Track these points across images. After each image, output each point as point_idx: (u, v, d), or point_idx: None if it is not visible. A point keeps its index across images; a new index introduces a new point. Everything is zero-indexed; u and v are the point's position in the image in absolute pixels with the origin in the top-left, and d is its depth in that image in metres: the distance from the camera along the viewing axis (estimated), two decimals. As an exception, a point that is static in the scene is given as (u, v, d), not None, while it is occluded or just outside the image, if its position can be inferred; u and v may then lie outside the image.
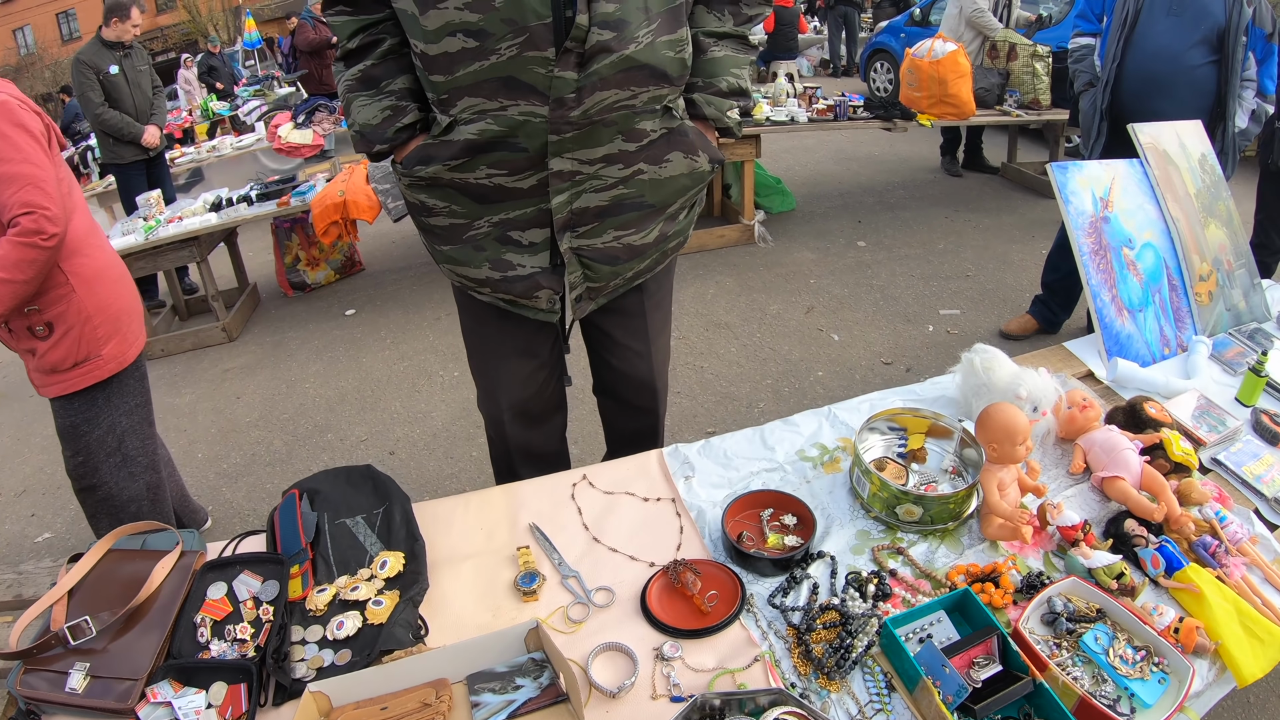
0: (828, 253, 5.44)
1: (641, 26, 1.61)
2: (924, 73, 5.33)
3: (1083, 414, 1.72)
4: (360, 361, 4.92)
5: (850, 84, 11.54)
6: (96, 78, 5.69)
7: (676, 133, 1.80)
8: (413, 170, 1.76)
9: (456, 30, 1.55)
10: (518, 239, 1.82)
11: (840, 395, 3.68)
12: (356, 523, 1.69)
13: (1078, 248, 2.13)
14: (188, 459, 4.28)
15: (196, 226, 5.23)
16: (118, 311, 2.31)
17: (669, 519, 1.69)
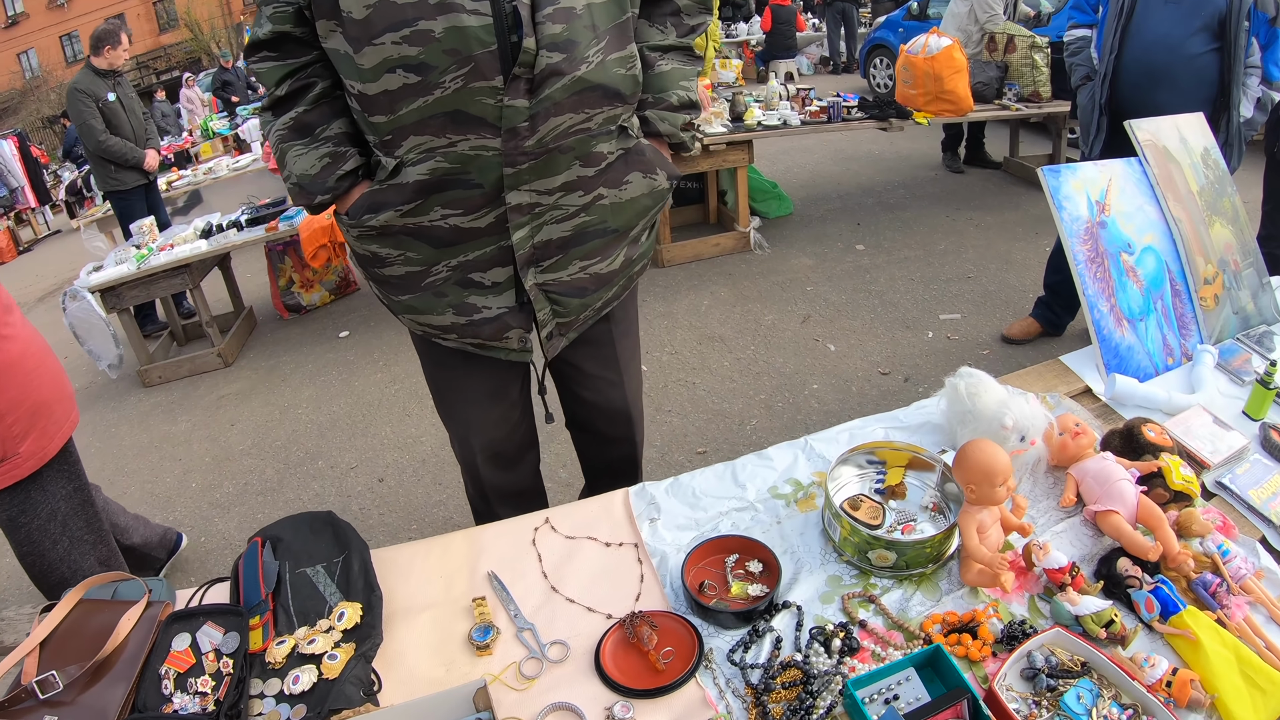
0: (825, 258, 5.33)
1: (591, 46, 1.54)
2: (919, 69, 5.19)
3: (1075, 441, 1.58)
4: (353, 385, 4.89)
5: (851, 81, 11.41)
6: (96, 105, 5.73)
7: (633, 152, 1.74)
8: (361, 220, 1.67)
9: (396, 66, 1.47)
10: (480, 280, 1.74)
11: (835, 409, 3.59)
12: (317, 571, 1.63)
13: (1072, 256, 2.01)
14: (181, 488, 4.27)
15: (187, 254, 5.25)
16: (34, 406, 2.15)
17: (630, 566, 1.59)
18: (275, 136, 1.67)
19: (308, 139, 1.65)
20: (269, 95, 1.66)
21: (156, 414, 5.24)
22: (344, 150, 1.66)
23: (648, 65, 1.75)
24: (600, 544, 1.65)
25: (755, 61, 12.11)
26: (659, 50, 1.76)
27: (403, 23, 1.43)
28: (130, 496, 4.33)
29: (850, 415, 2.44)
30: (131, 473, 4.61)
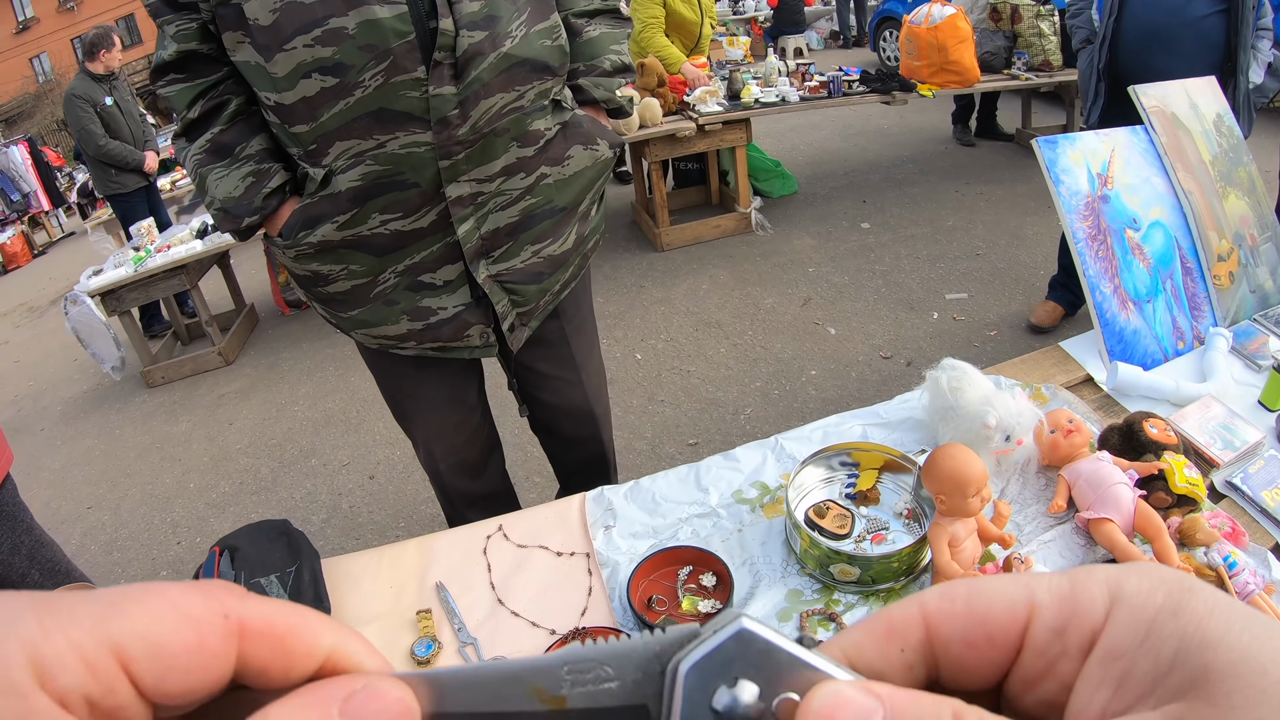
0: (829, 237, 5.18)
1: (513, 20, 1.47)
2: (923, 40, 5.02)
3: (1067, 440, 1.43)
4: (348, 380, 4.87)
5: (862, 55, 11.20)
6: (94, 110, 5.75)
7: (571, 125, 1.67)
8: (297, 239, 1.59)
9: (311, 70, 1.39)
10: (431, 281, 1.67)
11: (833, 395, 3.48)
12: (270, 582, 1.59)
13: (1071, 234, 1.86)
14: (180, 489, 4.28)
15: (183, 255, 5.25)
16: None
17: (579, 578, 1.50)
18: (192, 162, 1.59)
19: (227, 160, 1.57)
20: (181, 119, 1.57)
21: (159, 414, 5.27)
22: (267, 167, 1.57)
23: (575, 33, 1.68)
24: (551, 553, 1.57)
25: (764, 38, 11.92)
26: (585, 16, 1.70)
27: (313, 23, 1.35)
28: (131, 499, 4.35)
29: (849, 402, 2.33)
30: (133, 474, 4.62)
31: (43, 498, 4.70)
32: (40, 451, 5.39)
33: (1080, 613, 0.26)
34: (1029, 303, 3.88)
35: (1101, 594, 0.26)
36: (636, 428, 3.65)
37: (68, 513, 4.45)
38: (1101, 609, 0.26)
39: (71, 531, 4.23)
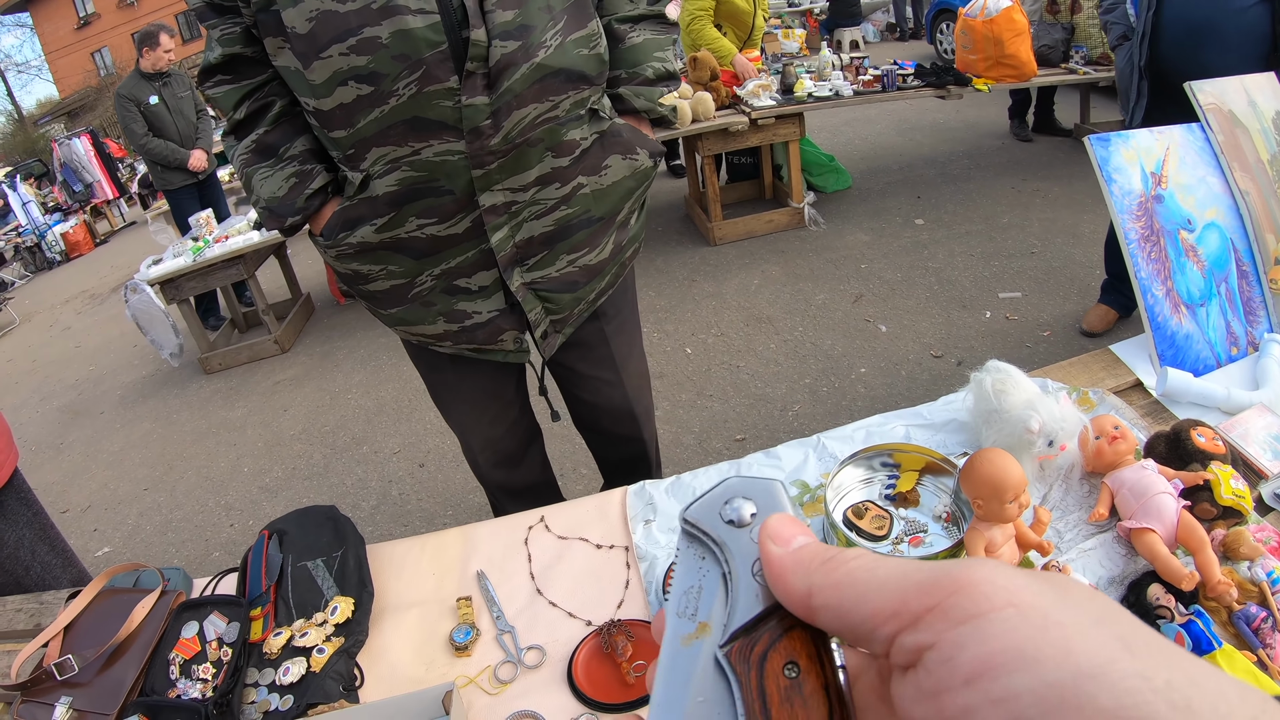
0: (882, 233, 5.12)
1: (547, 29, 1.45)
2: (978, 33, 4.91)
3: (1112, 446, 1.40)
4: (401, 370, 4.95)
5: (918, 48, 11.04)
6: (137, 109, 5.89)
7: (609, 135, 1.64)
8: (337, 240, 1.62)
9: (347, 78, 1.40)
10: (466, 286, 1.69)
11: (882, 394, 3.45)
12: (317, 565, 1.64)
13: (1123, 235, 1.82)
14: (234, 473, 4.41)
15: (240, 246, 5.36)
16: None
17: (617, 570, 1.52)
18: (239, 161, 1.63)
19: (272, 160, 1.60)
20: (229, 119, 1.61)
21: (215, 400, 5.40)
22: (310, 168, 1.60)
23: (618, 39, 1.65)
24: (591, 545, 1.59)
25: (819, 30, 11.81)
26: (629, 21, 1.66)
27: (347, 32, 1.37)
28: (186, 481, 4.47)
29: (898, 401, 2.31)
30: (189, 458, 4.75)
31: (101, 479, 4.86)
32: (99, 434, 5.55)
33: None
34: (1084, 303, 3.80)
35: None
36: (684, 422, 3.66)
37: (125, 493, 4.59)
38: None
39: (128, 512, 4.36)
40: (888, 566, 0.32)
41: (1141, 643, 0.26)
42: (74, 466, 5.22)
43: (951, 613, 0.28)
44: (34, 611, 1.91)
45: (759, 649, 0.35)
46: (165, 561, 2.98)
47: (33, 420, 6.41)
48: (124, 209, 17.04)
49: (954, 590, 0.29)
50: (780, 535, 0.36)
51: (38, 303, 11.91)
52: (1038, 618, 0.27)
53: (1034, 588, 0.28)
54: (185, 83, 6.21)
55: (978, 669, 0.27)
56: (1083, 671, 0.25)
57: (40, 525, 2.42)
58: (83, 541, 4.24)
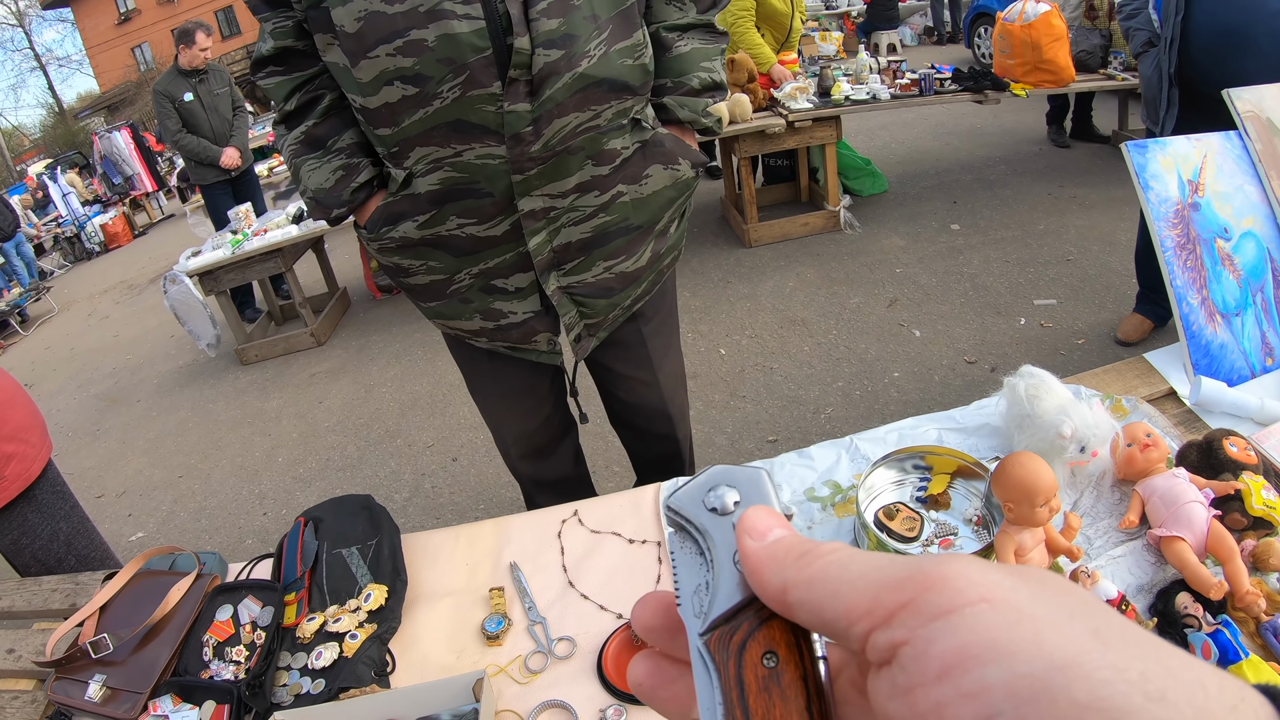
0: (918, 238, 5.09)
1: (591, 39, 1.45)
2: (1016, 38, 4.87)
3: (1144, 454, 1.40)
4: (435, 365, 4.99)
5: (956, 52, 10.94)
6: (172, 105, 5.99)
7: (651, 144, 1.64)
8: (380, 234, 1.64)
9: (393, 79, 1.42)
10: (503, 286, 1.71)
11: (915, 399, 3.44)
12: (351, 553, 1.67)
13: (1159, 242, 1.81)
14: (269, 462, 4.47)
15: (279, 239, 5.43)
16: (9, 433, 2.27)
17: (649, 565, 1.54)
18: (288, 151, 1.65)
19: (320, 152, 1.62)
20: (279, 110, 1.63)
21: (251, 391, 5.47)
22: (357, 162, 1.62)
23: (665, 47, 1.64)
24: (624, 540, 1.61)
25: (856, 33, 11.75)
26: (677, 30, 1.65)
27: (394, 34, 1.38)
28: (221, 470, 4.53)
29: (931, 406, 2.32)
30: (224, 447, 4.81)
31: (136, 465, 4.95)
32: (136, 421, 5.65)
33: None
34: (1119, 312, 3.77)
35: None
36: (717, 422, 3.66)
37: (160, 480, 4.66)
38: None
39: (163, 498, 4.44)
40: (861, 562, 0.32)
41: (1116, 635, 0.26)
42: (110, 453, 5.31)
43: (924, 609, 0.28)
44: (70, 592, 1.96)
45: (738, 638, 0.35)
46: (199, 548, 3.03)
47: (70, 407, 6.52)
48: (162, 202, 17.27)
49: (926, 586, 0.28)
50: (756, 528, 0.36)
51: (76, 292, 12.08)
52: (1010, 612, 0.27)
53: (1007, 583, 0.28)
54: (223, 79, 6.29)
55: (949, 663, 0.26)
56: (1055, 664, 0.25)
57: (76, 518, 2.46)
58: (117, 526, 4.32)
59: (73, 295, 11.90)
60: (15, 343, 10.13)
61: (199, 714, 1.42)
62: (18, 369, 8.35)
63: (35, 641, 1.83)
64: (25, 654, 1.80)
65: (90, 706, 1.52)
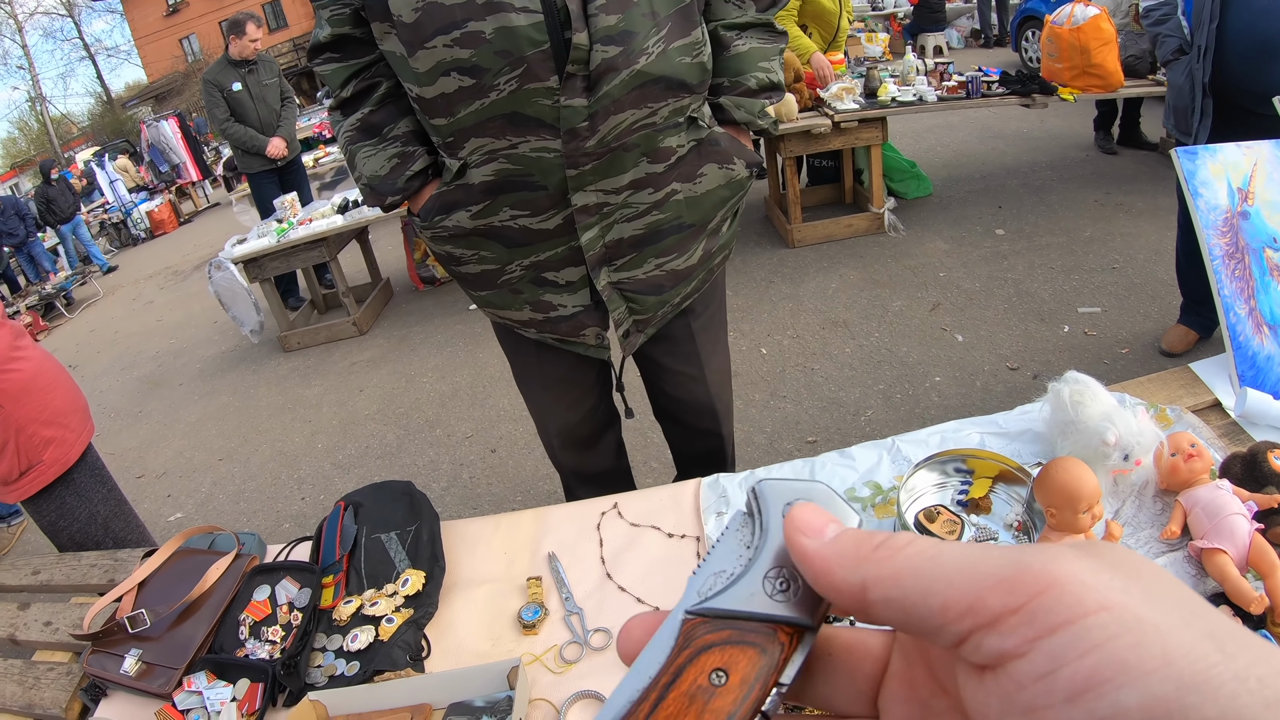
0: (962, 242, 5.05)
1: (650, 36, 1.44)
2: (1064, 41, 4.79)
3: (1187, 464, 1.38)
4: (476, 357, 5.04)
5: (1002, 55, 10.81)
6: (220, 95, 6.10)
7: (706, 143, 1.63)
8: (433, 222, 1.65)
9: (450, 69, 1.42)
10: (554, 279, 1.70)
11: (956, 404, 3.42)
12: (390, 538, 1.70)
13: (1207, 251, 1.79)
14: (309, 448, 4.54)
15: (324, 229, 5.51)
16: (50, 418, 2.33)
17: (687, 560, 1.54)
18: (344, 137, 1.66)
19: (376, 139, 1.63)
20: (335, 96, 1.65)
21: (293, 377, 5.55)
22: (412, 150, 1.63)
23: (723, 46, 1.63)
24: (663, 534, 1.61)
25: (902, 35, 11.65)
26: (735, 29, 1.63)
27: (452, 24, 1.38)
28: (261, 454, 4.61)
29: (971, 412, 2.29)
30: (264, 431, 4.90)
31: (177, 447, 5.06)
32: (178, 404, 5.77)
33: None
34: (1164, 321, 3.71)
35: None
36: (757, 421, 3.67)
37: (200, 462, 4.76)
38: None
39: (202, 480, 4.53)
40: (952, 555, 0.30)
41: (1229, 637, 0.25)
42: (151, 434, 5.43)
43: (1040, 617, 0.27)
44: (108, 568, 2.00)
45: (709, 638, 0.33)
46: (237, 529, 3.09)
47: (113, 388, 6.66)
48: (208, 190, 17.55)
49: (1039, 590, 0.27)
50: (811, 524, 0.34)
51: (122, 277, 12.31)
52: (1132, 621, 0.25)
53: (1119, 583, 0.27)
54: (272, 70, 6.37)
55: (1080, 686, 0.25)
56: (1185, 683, 0.24)
57: (113, 501, 2.50)
58: (156, 506, 4.42)
59: (118, 280, 12.13)
60: (60, 325, 10.36)
61: (233, 691, 1.44)
62: (62, 350, 8.54)
63: (73, 615, 1.87)
64: (62, 627, 1.85)
65: (125, 680, 1.55)
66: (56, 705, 1.64)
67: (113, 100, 38.27)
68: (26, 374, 2.30)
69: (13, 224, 12.23)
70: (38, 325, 10.02)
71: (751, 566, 0.35)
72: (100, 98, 39.06)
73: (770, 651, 0.33)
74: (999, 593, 0.28)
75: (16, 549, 4.37)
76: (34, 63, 37.24)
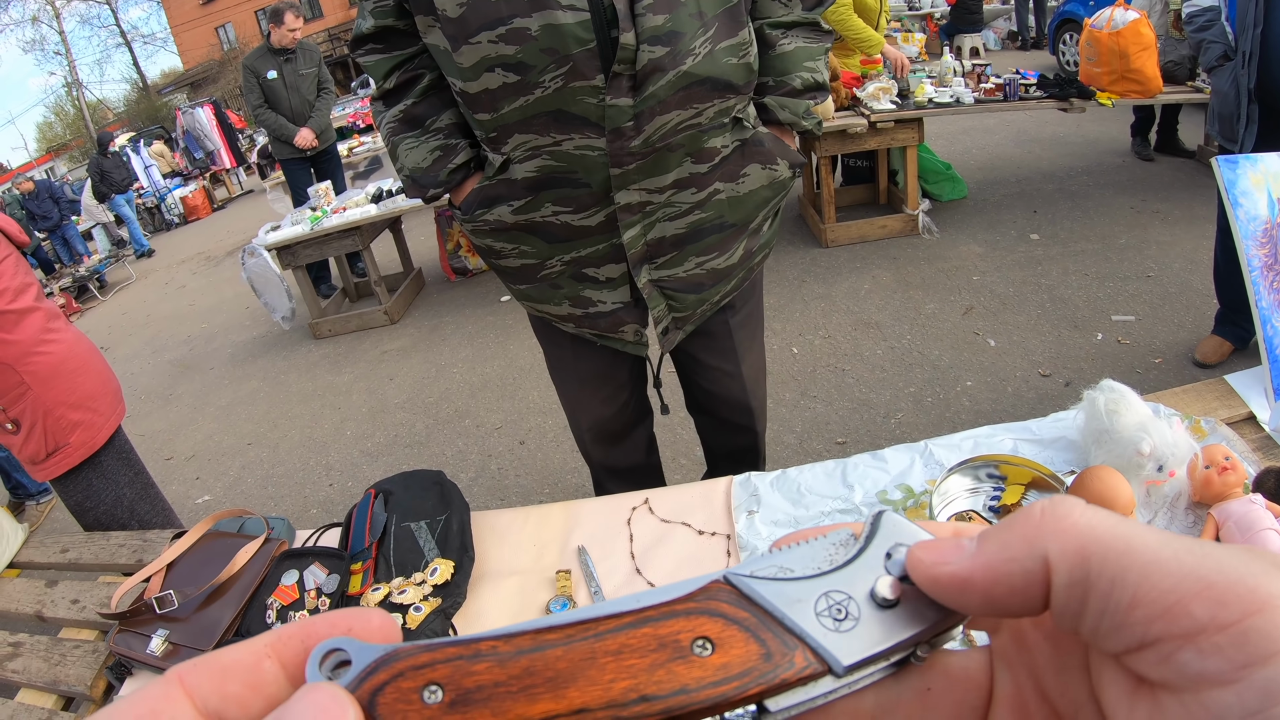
0: (996, 246, 5.01)
1: (697, 36, 1.43)
2: (1103, 45, 4.73)
3: (1221, 477, 1.37)
4: (507, 348, 5.05)
5: (1039, 58, 10.71)
6: (257, 81, 6.18)
7: (750, 143, 1.63)
8: (475, 216, 1.66)
9: (494, 65, 1.42)
10: (594, 276, 1.71)
11: (987, 409, 3.39)
12: (420, 527, 1.70)
13: (1246, 261, 1.77)
14: (337, 435, 4.57)
15: (357, 217, 5.55)
16: (78, 401, 2.38)
17: (717, 557, 1.54)
18: (386, 129, 1.67)
19: (418, 131, 1.64)
20: (378, 87, 1.65)
21: (323, 365, 5.60)
22: (455, 143, 1.64)
23: (768, 45, 1.62)
24: (693, 531, 1.61)
25: (939, 35, 11.56)
26: (781, 28, 1.62)
27: (498, 20, 1.38)
28: (290, 439, 4.65)
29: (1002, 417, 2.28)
30: (294, 417, 4.94)
31: (206, 430, 5.13)
32: (208, 388, 5.84)
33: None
34: (1199, 331, 3.67)
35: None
36: (787, 421, 3.66)
37: (229, 446, 4.81)
38: None
39: (230, 464, 4.58)
40: (1148, 542, 0.25)
41: None
42: (181, 417, 5.50)
43: (1254, 641, 0.23)
44: (137, 548, 2.04)
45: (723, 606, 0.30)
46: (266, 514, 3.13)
47: (144, 371, 6.75)
48: (242, 177, 17.72)
49: (1255, 608, 0.23)
50: (944, 551, 0.30)
51: (155, 261, 12.46)
52: None
53: None
54: (312, 59, 6.43)
55: None
56: None
57: (140, 484, 2.55)
58: (184, 488, 4.47)
59: (151, 264, 12.27)
60: (93, 307, 10.50)
61: (259, 675, 1.47)
62: (95, 332, 8.64)
63: (100, 594, 1.90)
64: (90, 605, 1.88)
65: (151, 659, 1.57)
66: (81, 682, 1.67)
67: (148, 87, 38.68)
68: (57, 357, 2.35)
69: (47, 207, 12.48)
70: (70, 307, 10.17)
71: (817, 579, 0.31)
72: (136, 84, 39.50)
73: (775, 663, 0.29)
74: (1206, 602, 0.24)
75: (45, 526, 4.44)
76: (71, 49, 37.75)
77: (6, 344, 2.23)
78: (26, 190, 12.50)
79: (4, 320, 2.23)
